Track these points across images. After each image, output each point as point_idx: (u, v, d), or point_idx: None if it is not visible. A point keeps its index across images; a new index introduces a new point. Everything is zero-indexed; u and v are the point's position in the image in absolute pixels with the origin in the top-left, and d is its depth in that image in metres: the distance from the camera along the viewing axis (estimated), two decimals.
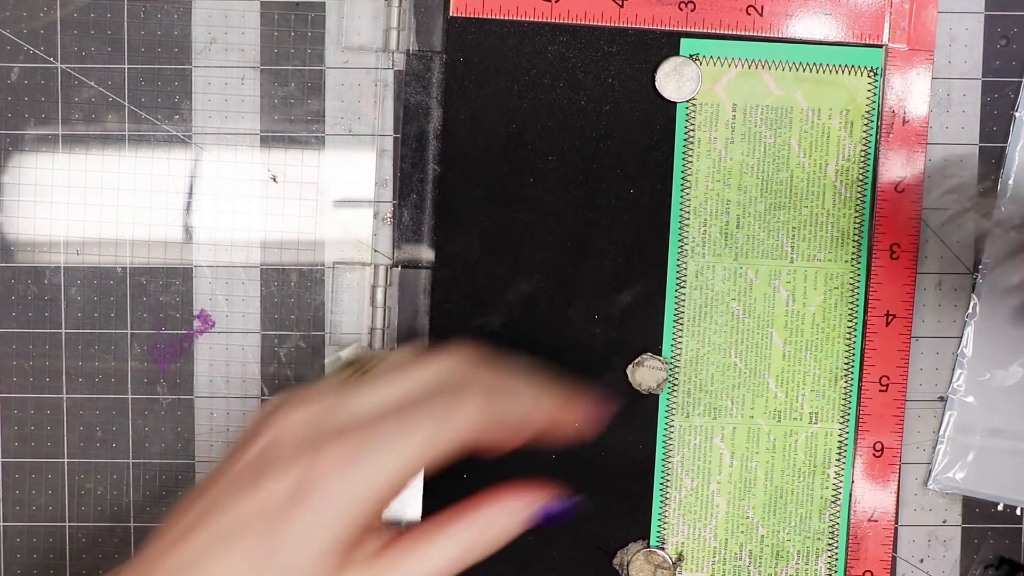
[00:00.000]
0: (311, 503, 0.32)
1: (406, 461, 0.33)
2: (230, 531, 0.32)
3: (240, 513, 0.32)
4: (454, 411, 0.34)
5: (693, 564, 0.46)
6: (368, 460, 0.32)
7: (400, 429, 0.33)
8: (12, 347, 0.46)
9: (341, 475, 0.32)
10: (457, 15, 0.45)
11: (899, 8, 0.45)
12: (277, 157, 0.46)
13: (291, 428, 0.33)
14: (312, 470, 0.32)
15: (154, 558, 0.32)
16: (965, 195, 0.41)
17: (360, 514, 0.32)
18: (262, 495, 0.32)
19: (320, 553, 0.32)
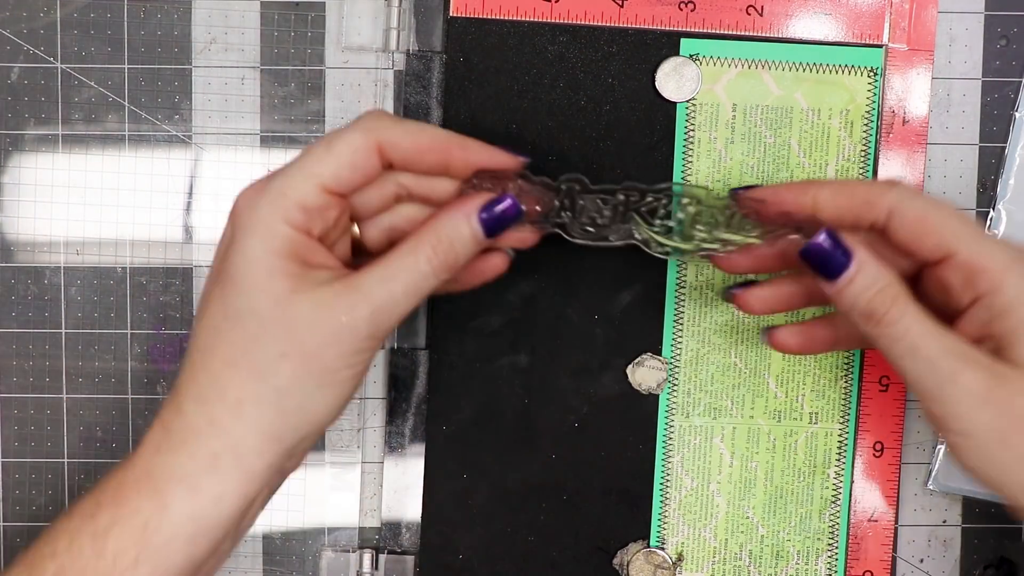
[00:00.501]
0: (239, 231, 0.35)
1: (310, 172, 0.35)
2: (203, 295, 0.36)
3: (208, 279, 0.36)
4: (349, 126, 0.36)
5: (693, 564, 0.46)
6: (275, 177, 0.35)
7: (300, 155, 0.36)
8: (12, 347, 0.47)
9: (254, 197, 0.35)
10: (457, 15, 0.45)
11: (899, 8, 0.45)
12: (277, 157, 0.46)
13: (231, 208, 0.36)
14: (234, 210, 0.36)
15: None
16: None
17: (284, 225, 0.35)
18: (216, 256, 0.36)
19: (267, 269, 0.34)
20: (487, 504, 0.46)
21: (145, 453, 0.35)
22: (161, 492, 0.34)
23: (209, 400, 0.35)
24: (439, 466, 0.46)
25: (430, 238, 0.36)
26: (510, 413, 0.46)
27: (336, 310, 0.35)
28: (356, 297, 0.35)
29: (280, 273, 0.34)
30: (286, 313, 0.34)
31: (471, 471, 0.46)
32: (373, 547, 0.47)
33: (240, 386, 0.34)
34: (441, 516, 0.46)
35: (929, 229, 0.36)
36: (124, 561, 0.34)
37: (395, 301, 0.35)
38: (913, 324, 0.35)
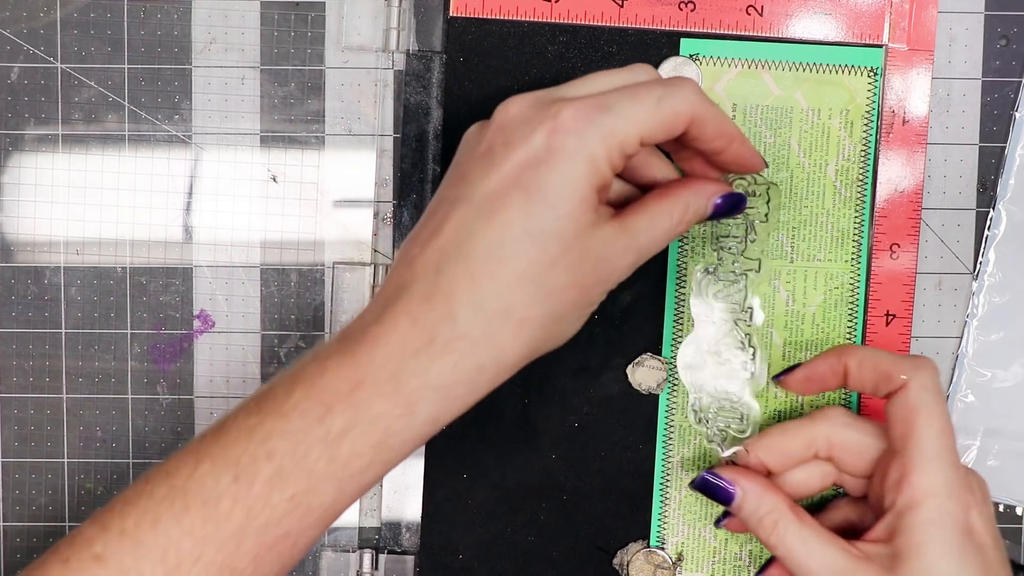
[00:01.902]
0: (562, 152, 0.34)
1: (639, 122, 0.35)
2: (490, 201, 0.35)
3: (496, 183, 0.35)
4: (677, 85, 0.37)
5: (693, 564, 0.46)
6: (607, 113, 0.35)
7: (630, 93, 0.36)
8: (12, 347, 0.47)
9: (584, 125, 0.35)
10: (457, 15, 0.45)
11: (899, 8, 0.45)
12: (277, 157, 0.46)
13: (516, 110, 0.36)
14: (556, 126, 0.35)
15: (412, 256, 0.35)
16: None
17: (605, 163, 0.35)
18: (514, 161, 0.35)
19: (582, 199, 0.34)
20: (487, 504, 0.46)
21: (393, 353, 0.34)
22: (411, 399, 0.34)
23: (492, 312, 0.34)
24: (439, 466, 0.46)
25: (681, 201, 0.38)
26: (510, 413, 0.46)
27: (616, 252, 0.36)
28: (629, 242, 0.36)
29: (590, 205, 0.35)
30: (584, 245, 0.35)
31: (471, 471, 0.46)
32: (373, 547, 0.47)
33: (528, 306, 0.34)
34: (441, 516, 0.46)
35: (907, 419, 0.38)
36: (357, 464, 0.34)
37: (650, 252, 0.37)
38: (794, 544, 0.39)
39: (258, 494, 0.33)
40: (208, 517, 0.33)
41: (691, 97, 0.36)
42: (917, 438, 0.38)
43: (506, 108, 0.36)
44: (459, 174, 0.36)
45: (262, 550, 0.34)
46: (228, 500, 0.33)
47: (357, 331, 0.35)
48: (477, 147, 0.36)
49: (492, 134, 0.36)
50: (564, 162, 0.34)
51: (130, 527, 0.33)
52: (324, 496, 0.34)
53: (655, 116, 0.36)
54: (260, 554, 0.34)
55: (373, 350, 0.34)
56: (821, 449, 0.41)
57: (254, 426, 0.34)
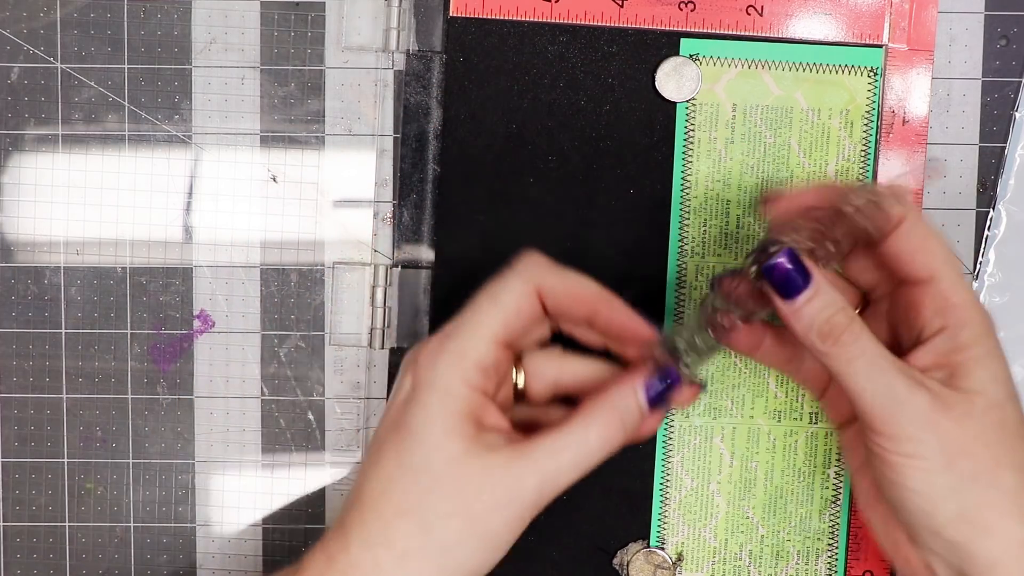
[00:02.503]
0: (421, 389, 0.37)
1: (483, 328, 0.37)
2: (376, 445, 0.37)
3: (382, 429, 0.38)
4: (510, 275, 0.38)
5: (693, 564, 0.46)
6: (451, 339, 0.37)
7: (470, 308, 0.38)
8: (12, 347, 0.47)
9: (435, 359, 0.37)
10: (457, 15, 0.45)
11: (899, 8, 0.45)
12: (277, 157, 0.46)
13: (408, 357, 0.39)
14: (415, 368, 0.37)
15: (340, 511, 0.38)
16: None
17: (464, 388, 0.36)
18: (393, 405, 0.38)
19: (444, 429, 0.36)
20: None
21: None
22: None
23: (376, 545, 0.36)
24: None
25: (601, 412, 0.37)
26: None
27: (505, 478, 0.36)
28: (525, 466, 0.36)
29: (456, 434, 0.36)
30: (458, 474, 0.36)
31: None
32: None
33: (407, 537, 0.36)
34: None
35: (926, 248, 0.38)
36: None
37: (562, 473, 0.37)
38: (869, 345, 0.36)
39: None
40: None
41: (524, 274, 0.38)
42: (944, 262, 0.38)
43: (407, 353, 0.39)
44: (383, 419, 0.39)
45: None
46: None
47: (303, 558, 0.37)
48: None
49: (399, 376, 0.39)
50: (423, 397, 0.36)
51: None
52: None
53: (496, 311, 0.37)
54: None
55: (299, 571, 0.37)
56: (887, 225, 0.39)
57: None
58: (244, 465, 0.47)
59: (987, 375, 0.36)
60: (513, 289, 0.38)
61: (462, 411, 0.36)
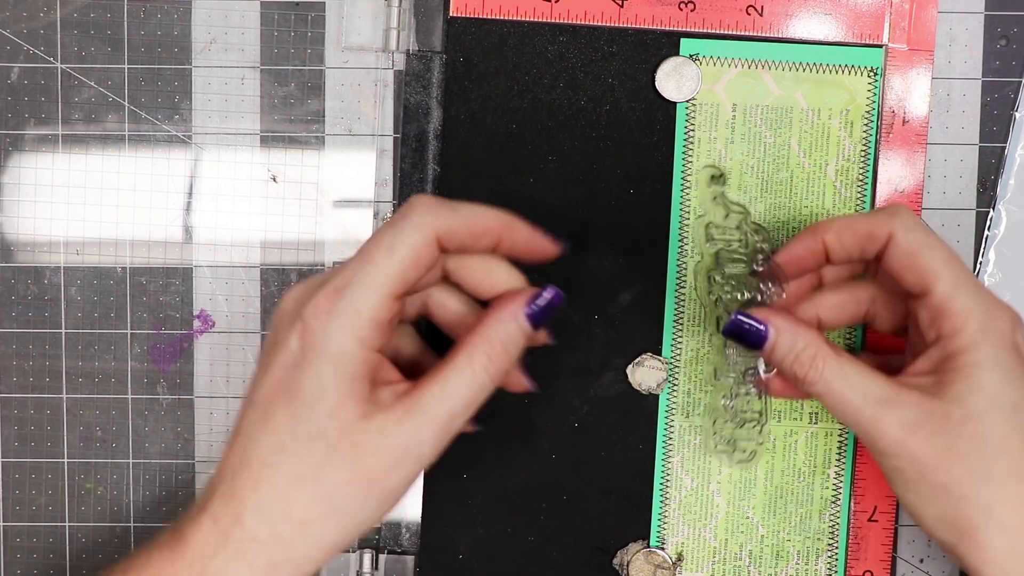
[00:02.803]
0: (311, 353, 0.35)
1: (378, 283, 0.35)
2: (264, 407, 0.36)
3: (267, 388, 0.36)
4: (402, 221, 0.36)
5: (693, 564, 0.46)
6: (343, 296, 0.35)
7: (361, 259, 0.35)
8: (12, 347, 0.47)
9: (325, 319, 0.35)
10: (457, 15, 0.45)
11: (899, 8, 0.45)
12: (277, 157, 0.46)
13: (287, 306, 0.37)
14: (303, 327, 0.35)
15: (223, 458, 0.37)
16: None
17: (358, 348, 0.35)
18: (278, 364, 0.36)
19: (339, 394, 0.35)
20: (487, 504, 0.46)
21: (198, 554, 0.35)
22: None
23: (273, 516, 0.35)
24: (439, 466, 0.46)
25: (483, 345, 0.36)
26: (510, 413, 0.46)
27: (401, 435, 0.35)
28: (419, 420, 0.35)
29: (351, 398, 0.35)
30: (354, 440, 0.35)
31: (471, 471, 0.46)
32: (373, 547, 0.47)
33: (306, 507, 0.35)
34: (441, 516, 0.46)
35: (914, 263, 0.38)
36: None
37: (456, 416, 0.36)
38: (833, 380, 0.37)
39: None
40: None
41: (420, 221, 0.35)
42: (930, 273, 0.37)
43: (281, 304, 0.37)
44: (255, 370, 0.37)
45: None
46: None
47: (183, 522, 0.36)
48: (264, 346, 0.37)
49: (272, 330, 0.37)
50: (315, 362, 0.35)
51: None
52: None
53: (392, 264, 0.35)
54: None
55: (184, 547, 0.35)
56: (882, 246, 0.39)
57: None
58: None
59: (968, 386, 0.36)
60: (411, 239, 0.35)
61: (357, 374, 0.35)
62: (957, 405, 0.36)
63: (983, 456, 0.36)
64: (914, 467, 0.37)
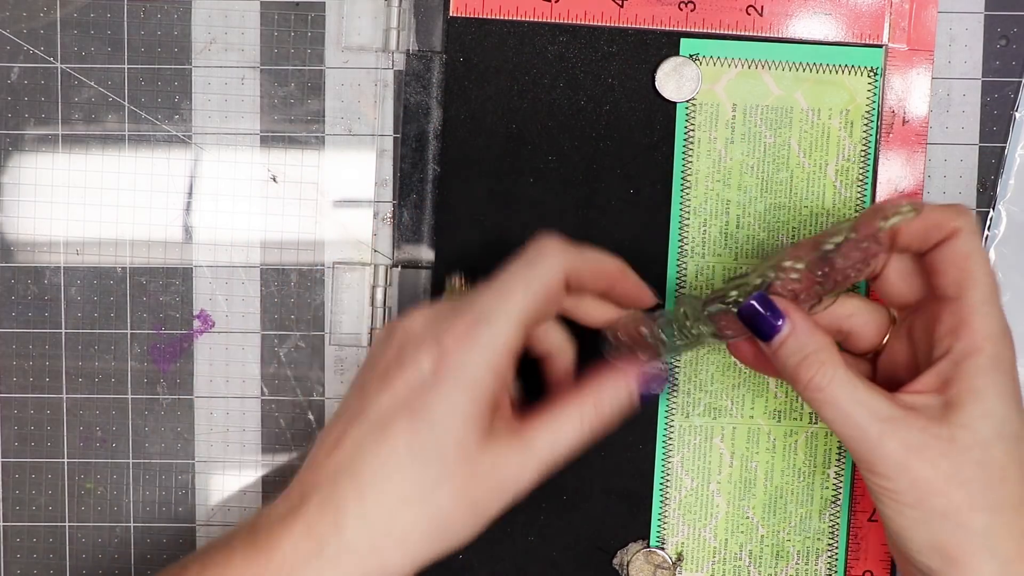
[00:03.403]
0: (446, 377, 0.36)
1: (516, 316, 0.37)
2: (381, 421, 0.36)
3: (388, 404, 0.36)
4: (538, 259, 0.38)
5: (693, 564, 0.46)
6: (483, 327, 0.36)
7: (500, 292, 0.37)
8: (12, 347, 0.46)
9: (465, 346, 0.36)
10: (457, 15, 0.45)
11: (899, 8, 0.45)
12: (277, 157, 0.46)
13: (416, 327, 0.38)
14: (441, 351, 0.36)
15: (317, 463, 0.37)
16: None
17: (492, 378, 0.36)
18: (404, 382, 0.36)
19: (465, 421, 0.36)
20: None
21: (287, 558, 0.35)
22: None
23: (376, 529, 0.35)
24: None
25: (594, 401, 0.38)
26: None
27: (509, 468, 0.37)
28: (528, 457, 0.37)
29: (475, 425, 0.36)
30: (470, 467, 0.36)
31: None
32: None
33: (411, 525, 0.36)
34: None
35: (963, 265, 0.37)
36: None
37: (557, 458, 0.38)
38: (839, 391, 0.36)
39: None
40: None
41: (554, 261, 0.38)
42: (975, 282, 0.37)
43: (409, 323, 0.38)
44: (360, 385, 0.38)
45: None
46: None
47: (266, 525, 0.36)
48: (379, 362, 0.38)
49: (392, 351, 0.38)
50: (448, 387, 0.36)
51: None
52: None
53: (528, 299, 0.37)
54: None
55: (269, 553, 0.35)
56: (941, 238, 0.38)
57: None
58: (244, 465, 0.47)
59: (979, 411, 0.36)
60: (545, 275, 0.37)
61: (484, 403, 0.36)
62: (965, 431, 0.36)
63: (986, 484, 0.35)
64: (913, 491, 0.36)
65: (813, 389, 0.37)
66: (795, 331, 0.37)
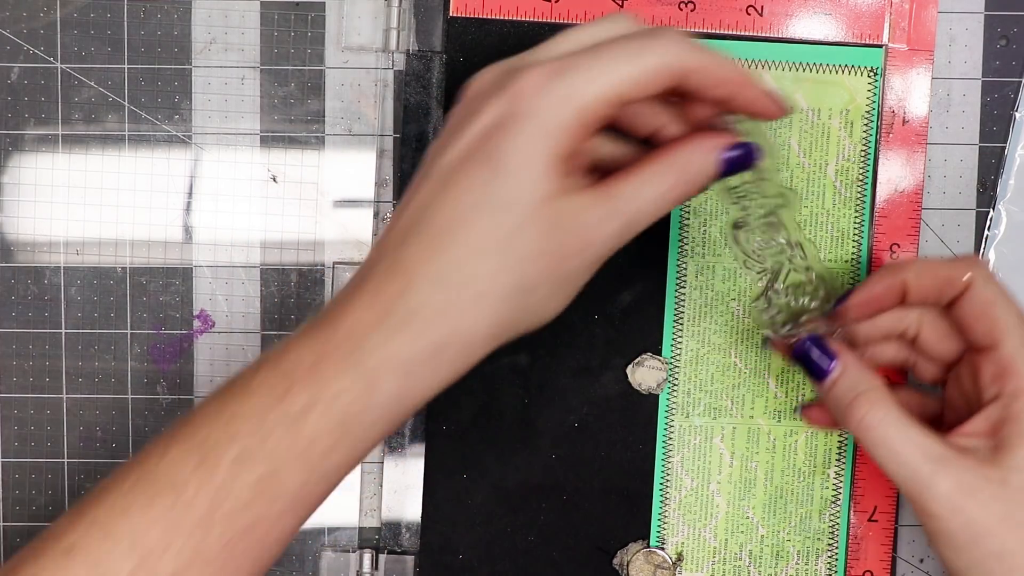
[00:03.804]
0: (518, 119, 0.33)
1: (611, 77, 0.33)
2: (449, 173, 0.33)
3: (456, 155, 0.34)
4: (659, 36, 0.34)
5: (693, 564, 0.46)
6: (567, 77, 0.33)
7: (598, 52, 0.33)
8: (12, 347, 0.47)
9: (541, 92, 0.33)
10: (457, 15, 0.45)
11: (899, 8, 0.45)
12: (277, 157, 0.46)
13: (483, 81, 0.35)
14: (515, 94, 0.33)
15: (382, 237, 0.35)
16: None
17: (565, 129, 0.33)
18: (472, 131, 0.33)
19: (542, 164, 0.32)
20: (487, 504, 0.46)
21: (353, 328, 0.33)
22: (372, 375, 0.33)
23: (450, 286, 0.32)
24: (439, 466, 0.46)
25: (678, 164, 0.35)
26: (510, 413, 0.46)
27: (590, 221, 0.33)
28: (611, 209, 0.34)
29: (554, 172, 0.33)
30: (548, 214, 0.33)
31: (471, 471, 0.46)
32: (373, 547, 0.47)
33: (488, 278, 0.33)
34: (441, 516, 0.46)
35: (988, 315, 0.38)
36: (321, 446, 0.33)
37: (638, 219, 0.34)
38: (891, 429, 0.37)
39: (223, 479, 0.32)
40: (175, 504, 0.32)
41: (673, 49, 0.33)
42: (1006, 328, 0.37)
43: (477, 79, 0.35)
44: (431, 150, 0.35)
45: (233, 538, 0.32)
46: (193, 486, 0.32)
47: (325, 310, 0.34)
48: (449, 124, 0.36)
49: (460, 107, 0.35)
50: (521, 129, 0.33)
51: (101, 517, 0.32)
52: (291, 481, 0.33)
53: (629, 75, 0.33)
54: (232, 541, 0.32)
55: (335, 325, 0.33)
56: (911, 328, 0.41)
57: (219, 407, 0.33)
58: None
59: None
60: (657, 59, 0.33)
61: (562, 149, 0.33)
62: (1017, 473, 0.36)
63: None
64: (967, 532, 0.36)
65: (864, 428, 0.37)
66: (847, 372, 0.38)
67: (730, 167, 0.36)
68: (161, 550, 0.32)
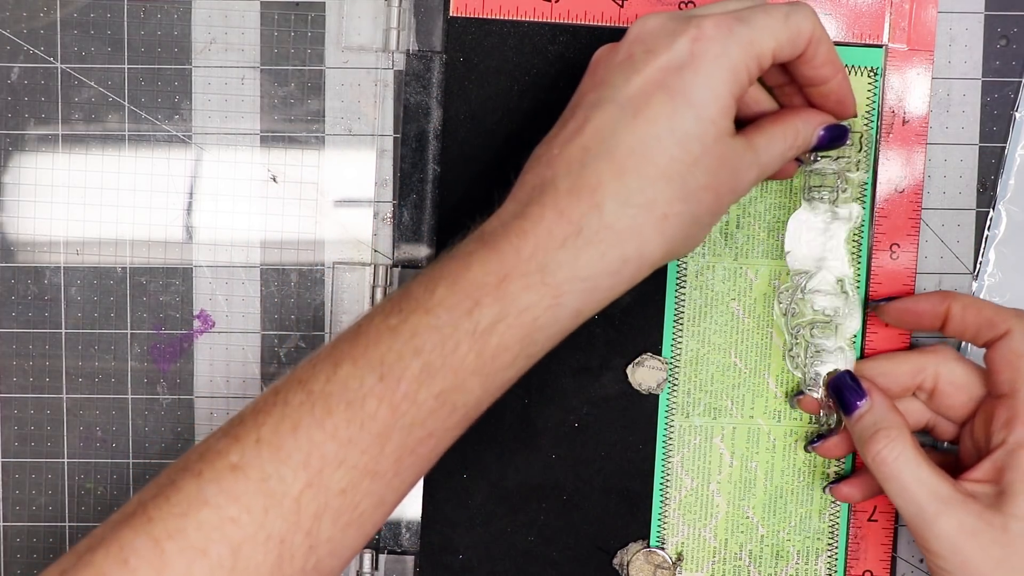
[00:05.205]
0: (705, 57, 0.36)
1: (775, 30, 0.36)
2: (635, 102, 0.36)
3: (640, 85, 0.36)
4: (801, 5, 0.37)
5: (693, 564, 0.46)
6: (746, 25, 0.36)
7: (768, 10, 0.37)
8: (12, 347, 0.47)
9: (725, 34, 0.36)
10: (457, 15, 0.45)
11: (899, 8, 0.45)
12: (277, 157, 0.46)
13: (655, 23, 0.37)
14: (699, 34, 0.36)
15: (550, 157, 0.36)
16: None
17: (744, 72, 0.36)
18: (657, 65, 0.36)
19: (719, 104, 0.36)
20: (487, 504, 0.46)
21: (539, 246, 0.34)
22: (559, 290, 0.35)
23: (637, 206, 0.35)
24: (439, 466, 0.46)
25: (793, 126, 0.39)
26: (510, 413, 0.46)
27: (741, 165, 0.37)
28: (753, 158, 0.38)
29: (727, 114, 0.36)
30: (720, 151, 0.36)
31: (471, 471, 0.46)
32: (373, 547, 0.47)
33: (669, 202, 0.35)
34: (441, 516, 0.46)
35: (1016, 365, 0.40)
36: (504, 359, 0.35)
37: (768, 169, 0.38)
38: (904, 467, 0.39)
39: (405, 392, 0.33)
40: (352, 419, 0.33)
41: (812, 17, 0.37)
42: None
43: (643, 23, 0.37)
44: (597, 81, 0.37)
45: (404, 452, 0.34)
46: (373, 400, 0.33)
47: (497, 228, 0.35)
48: (614, 58, 0.37)
49: (631, 44, 0.37)
50: (707, 67, 0.35)
51: (266, 435, 0.33)
52: (470, 393, 0.34)
53: (785, 31, 0.36)
54: (402, 456, 0.34)
55: (519, 242, 0.35)
56: (927, 380, 0.42)
57: (397, 325, 0.34)
58: None
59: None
60: (805, 23, 0.37)
61: (735, 95, 0.36)
62: (1018, 521, 0.37)
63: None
64: (963, 572, 0.38)
65: (880, 462, 0.39)
66: (873, 408, 0.41)
67: (821, 143, 0.40)
68: (335, 465, 0.33)
